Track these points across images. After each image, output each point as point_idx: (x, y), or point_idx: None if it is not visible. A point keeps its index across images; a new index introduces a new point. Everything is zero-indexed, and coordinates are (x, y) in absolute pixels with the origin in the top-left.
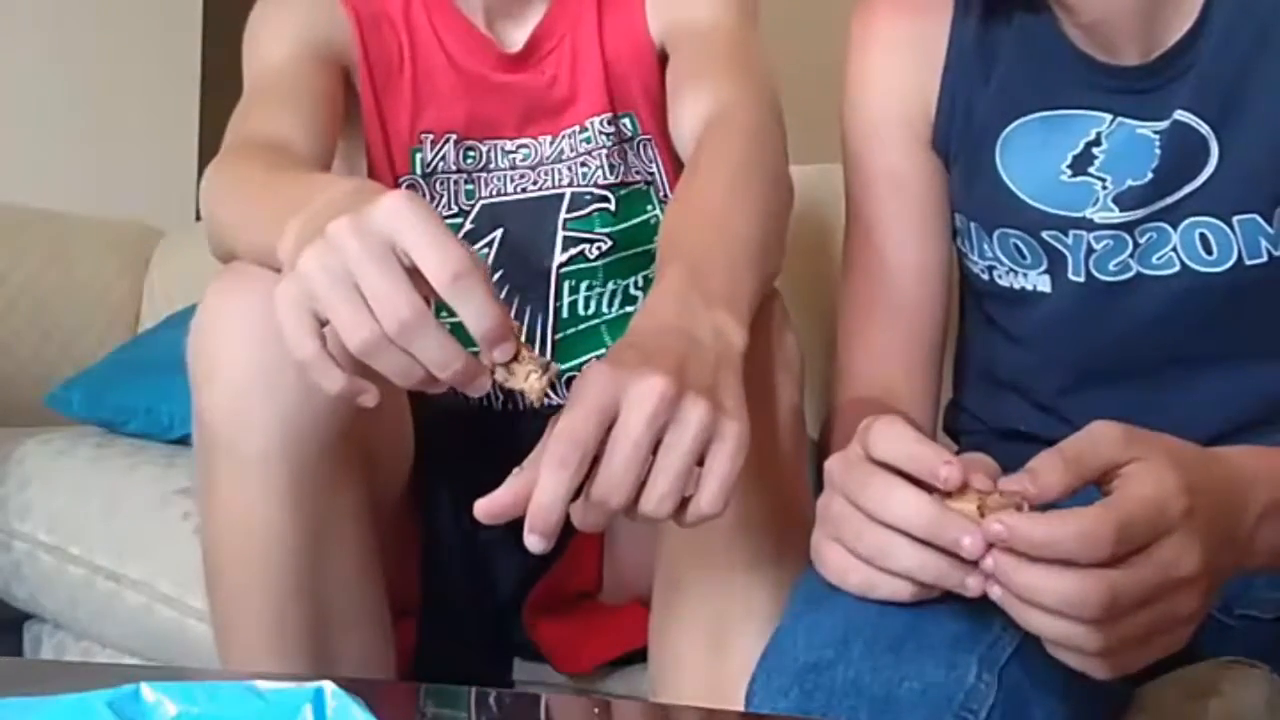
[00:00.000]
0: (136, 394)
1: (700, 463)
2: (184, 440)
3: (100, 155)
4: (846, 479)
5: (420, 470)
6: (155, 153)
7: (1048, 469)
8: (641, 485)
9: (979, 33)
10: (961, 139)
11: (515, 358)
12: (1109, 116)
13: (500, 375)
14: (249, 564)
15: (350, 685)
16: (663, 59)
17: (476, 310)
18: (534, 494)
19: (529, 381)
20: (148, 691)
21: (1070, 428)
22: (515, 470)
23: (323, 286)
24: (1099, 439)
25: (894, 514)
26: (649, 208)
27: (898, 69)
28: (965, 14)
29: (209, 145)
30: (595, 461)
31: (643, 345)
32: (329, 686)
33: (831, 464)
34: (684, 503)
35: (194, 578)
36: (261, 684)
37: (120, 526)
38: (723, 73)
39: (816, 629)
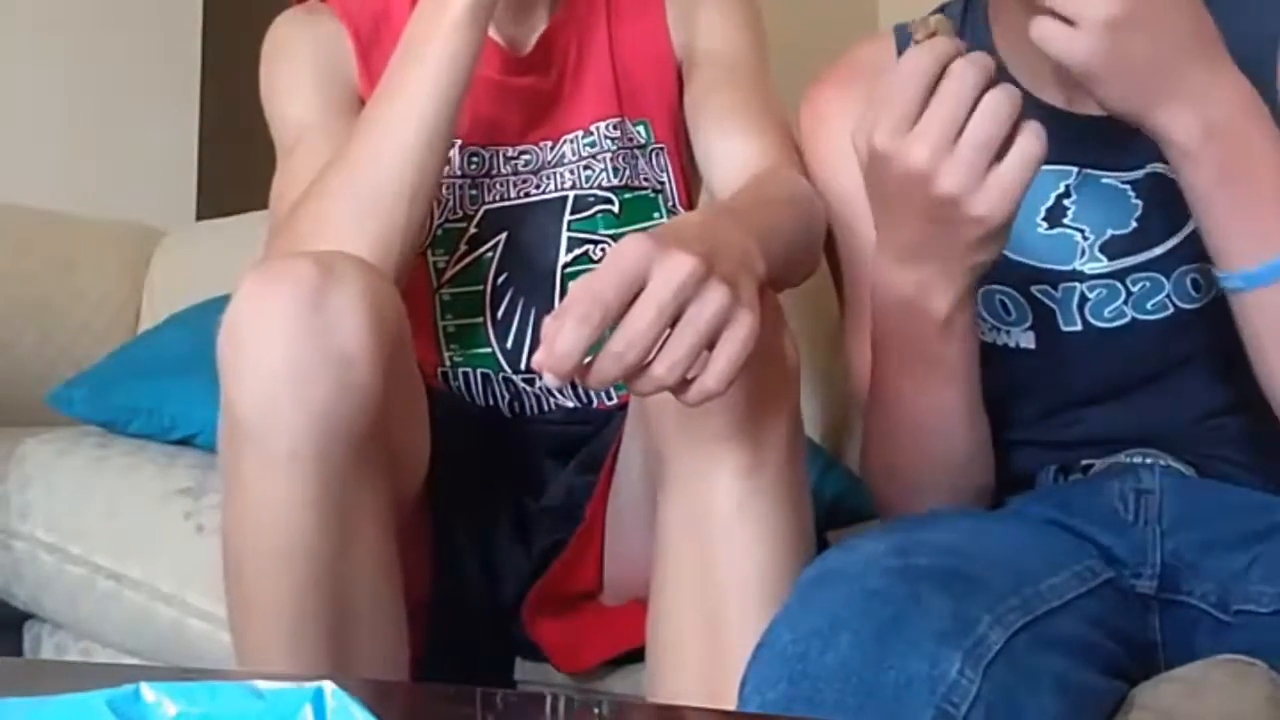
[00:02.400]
0: (139, 395)
1: (710, 348)
2: (185, 441)
3: (100, 155)
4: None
5: (431, 472)
6: (155, 153)
7: None
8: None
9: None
10: None
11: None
12: (1074, 169)
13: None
14: (272, 559)
15: (354, 686)
16: (680, 74)
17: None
18: (555, 341)
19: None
20: (148, 691)
21: (1049, 448)
22: (547, 318)
23: None
24: None
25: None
26: (655, 215)
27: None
28: None
29: (209, 145)
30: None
31: (678, 232)
32: (329, 686)
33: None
34: (688, 384)
35: (194, 577)
36: (261, 684)
37: (121, 526)
38: (759, 124)
39: (805, 619)
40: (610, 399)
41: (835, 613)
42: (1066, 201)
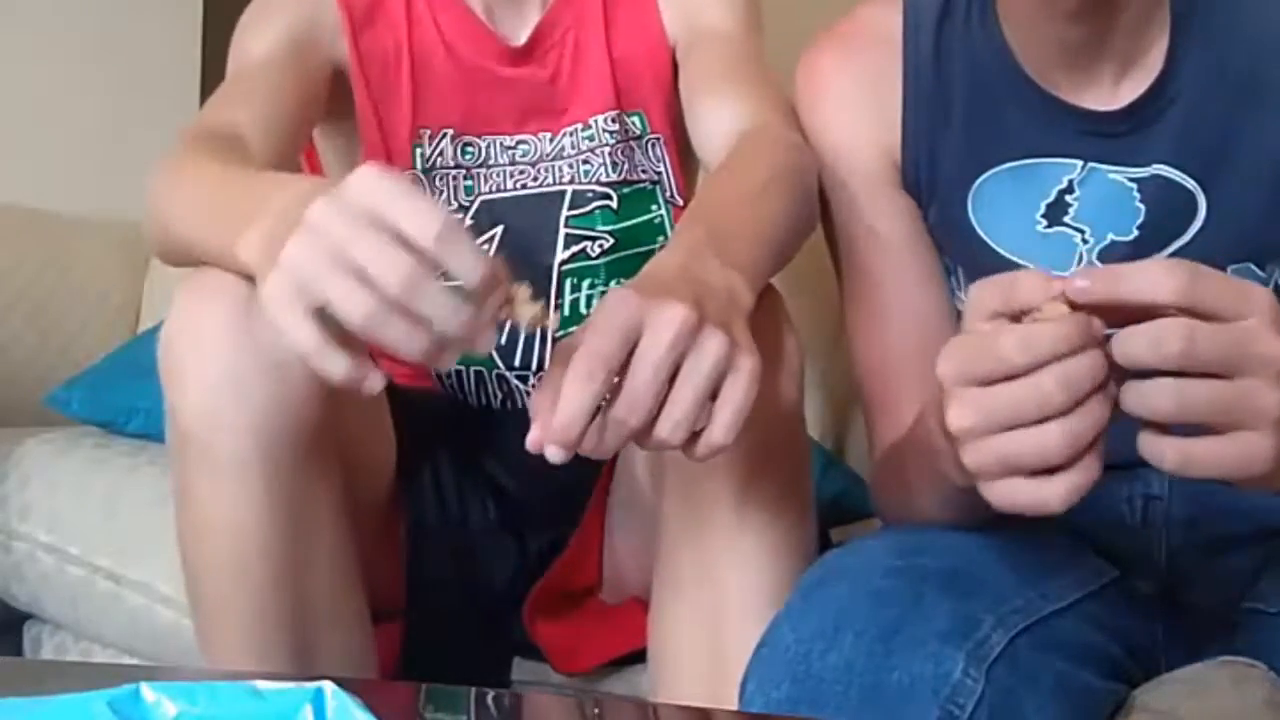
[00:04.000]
0: (137, 394)
1: (713, 397)
2: None
3: (100, 155)
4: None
5: (407, 472)
6: (155, 153)
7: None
8: (658, 413)
9: (934, 66)
10: (930, 186)
11: (511, 300)
12: (1079, 162)
13: (501, 314)
14: (227, 566)
15: (351, 685)
16: (674, 60)
17: (469, 263)
18: (559, 408)
19: (524, 309)
20: (148, 691)
21: None
22: (533, 390)
23: (315, 271)
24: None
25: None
26: (654, 207)
27: (853, 120)
28: (917, 45)
29: None
30: (615, 391)
31: (661, 280)
32: (329, 686)
33: (955, 415)
34: (695, 436)
35: None
36: (261, 684)
37: (120, 526)
38: (750, 89)
39: (808, 620)
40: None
41: (839, 612)
42: (1069, 197)
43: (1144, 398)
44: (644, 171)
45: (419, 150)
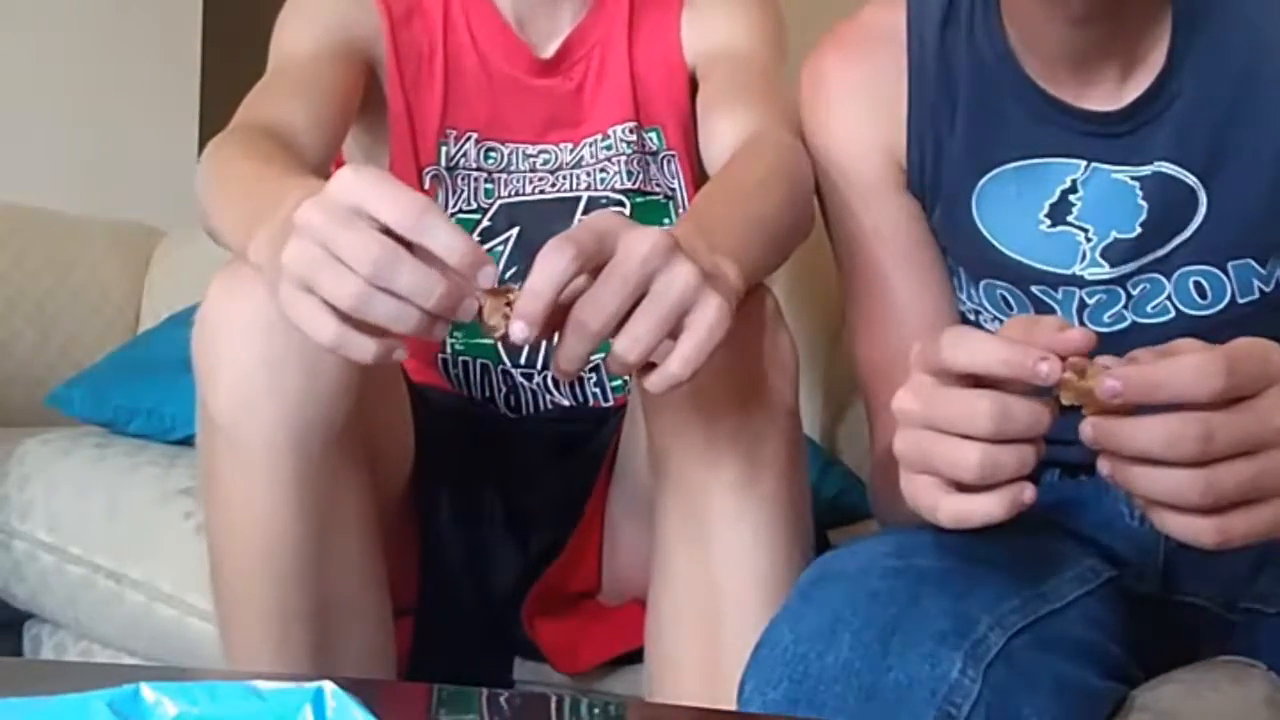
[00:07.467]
0: (139, 394)
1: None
2: (185, 441)
3: (100, 155)
4: (922, 384)
5: (420, 471)
6: (155, 153)
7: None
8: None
9: (937, 67)
10: (934, 187)
11: (499, 294)
12: (1083, 163)
13: (480, 300)
14: (253, 556)
15: (353, 685)
16: (693, 81)
17: (447, 241)
18: (527, 282)
19: (493, 320)
20: (148, 691)
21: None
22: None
23: (306, 267)
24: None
25: (971, 359)
26: (666, 221)
27: (857, 122)
28: (921, 47)
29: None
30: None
31: None
32: (329, 687)
33: (900, 396)
34: (651, 368)
35: (194, 577)
36: (261, 684)
37: (120, 526)
38: (758, 101)
39: (806, 620)
40: (606, 399)
41: (836, 613)
42: (1072, 197)
43: (1169, 492)
44: (658, 185)
45: (444, 148)
